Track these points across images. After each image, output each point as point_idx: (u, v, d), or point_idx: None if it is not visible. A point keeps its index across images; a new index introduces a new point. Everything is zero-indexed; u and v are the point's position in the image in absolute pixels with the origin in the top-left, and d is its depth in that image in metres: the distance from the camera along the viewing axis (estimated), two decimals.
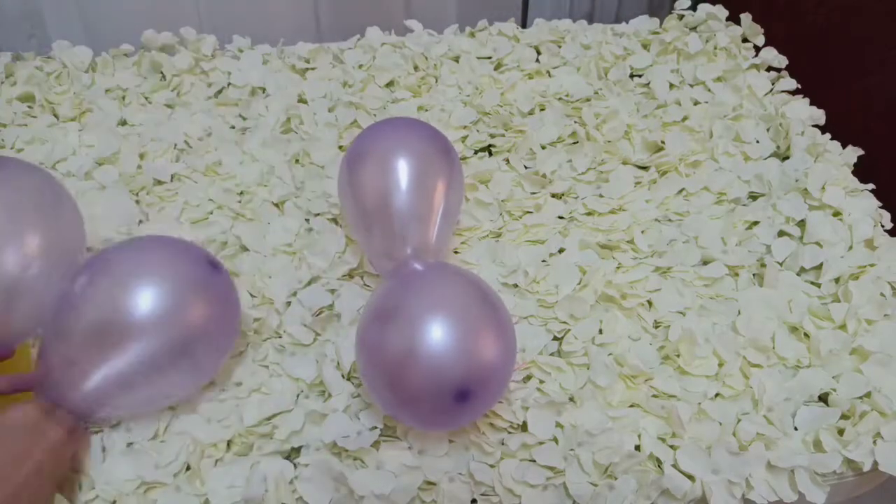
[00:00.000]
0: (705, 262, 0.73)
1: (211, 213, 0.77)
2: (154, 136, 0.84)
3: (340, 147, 0.84)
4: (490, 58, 0.96)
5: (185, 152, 0.84)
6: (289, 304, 0.68)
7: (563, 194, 0.80)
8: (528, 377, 0.64)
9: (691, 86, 0.92)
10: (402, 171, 0.63)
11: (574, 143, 0.85)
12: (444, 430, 0.59)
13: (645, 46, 0.97)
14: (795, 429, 0.62)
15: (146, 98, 0.91)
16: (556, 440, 0.60)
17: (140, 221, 0.76)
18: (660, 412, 0.62)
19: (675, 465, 0.59)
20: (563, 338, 0.67)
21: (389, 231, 0.62)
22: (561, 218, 0.77)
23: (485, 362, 0.54)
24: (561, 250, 0.74)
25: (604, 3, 1.36)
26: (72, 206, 0.61)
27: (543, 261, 0.73)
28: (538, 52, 0.97)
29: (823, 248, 0.73)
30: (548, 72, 0.94)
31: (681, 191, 0.80)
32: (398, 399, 0.55)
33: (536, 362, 0.64)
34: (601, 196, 0.79)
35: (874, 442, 0.60)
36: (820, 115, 0.87)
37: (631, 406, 0.63)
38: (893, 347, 0.65)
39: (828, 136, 0.85)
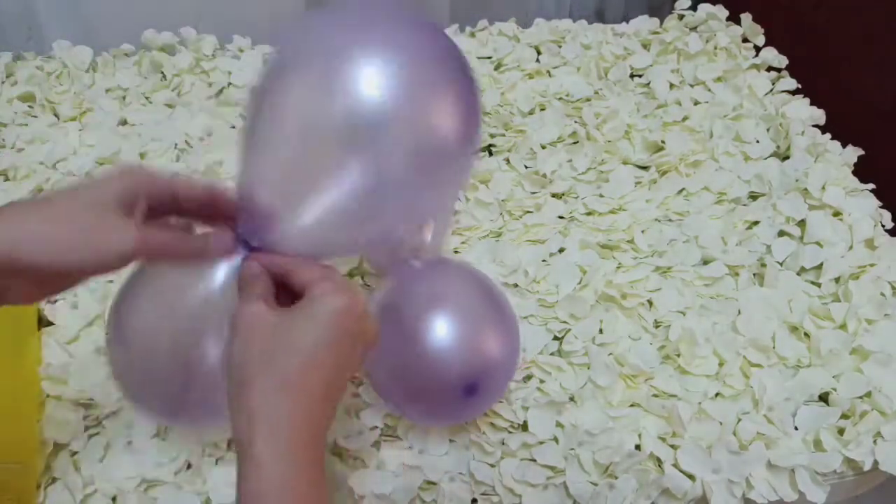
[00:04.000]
0: (705, 262, 0.73)
1: None
2: (154, 135, 0.84)
3: None
4: (490, 58, 0.96)
5: (186, 152, 0.84)
6: None
7: (563, 194, 0.80)
8: (529, 377, 0.64)
9: (691, 86, 0.92)
10: None
11: (574, 142, 0.85)
12: (450, 424, 0.60)
13: (645, 46, 0.97)
14: (796, 428, 0.62)
15: (147, 98, 0.91)
16: (556, 440, 0.60)
17: None
18: (660, 412, 0.62)
19: (675, 465, 0.59)
20: (563, 337, 0.67)
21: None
22: (561, 218, 0.77)
23: (492, 355, 0.55)
24: (561, 250, 0.74)
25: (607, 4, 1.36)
26: None
27: (543, 260, 0.73)
28: (538, 52, 0.97)
29: (823, 247, 0.73)
30: (548, 72, 0.94)
31: (681, 191, 0.80)
32: (406, 395, 0.55)
33: (536, 362, 0.64)
34: (601, 196, 0.79)
35: (874, 441, 0.60)
36: (820, 115, 0.87)
37: (631, 406, 0.63)
38: (893, 347, 0.65)
39: (828, 136, 0.85)
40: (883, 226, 0.76)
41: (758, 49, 0.96)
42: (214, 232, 0.44)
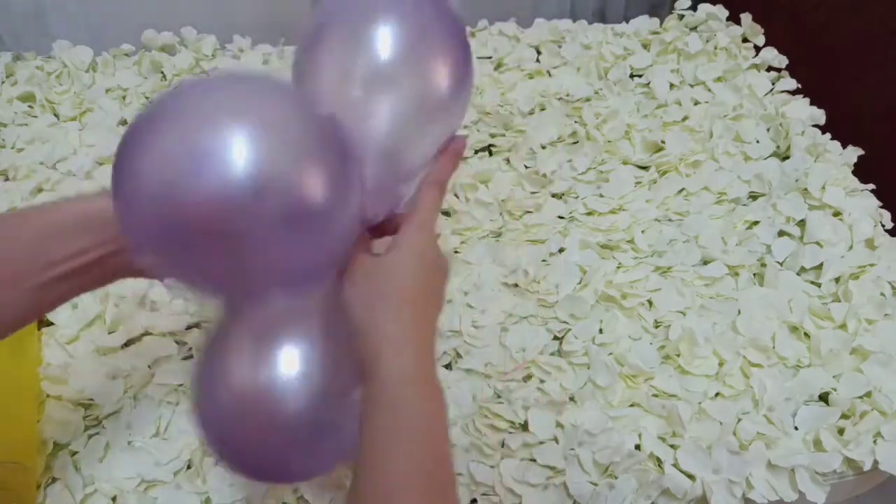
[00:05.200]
0: (705, 262, 0.73)
1: None
2: None
3: None
4: (490, 58, 0.96)
5: None
6: None
7: (563, 194, 0.80)
8: (529, 377, 0.64)
9: (691, 86, 0.92)
10: None
11: (574, 142, 0.85)
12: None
13: (645, 46, 0.97)
14: (796, 428, 0.62)
15: (147, 98, 0.91)
16: (556, 440, 0.60)
17: None
18: (660, 412, 0.62)
19: (675, 465, 0.59)
20: (563, 337, 0.67)
21: None
22: (561, 218, 0.77)
23: None
24: (561, 250, 0.74)
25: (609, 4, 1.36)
26: None
27: (543, 260, 0.73)
28: (538, 52, 0.97)
29: (823, 247, 0.73)
30: (548, 72, 0.94)
31: (681, 191, 0.80)
32: None
33: (537, 362, 0.64)
34: (601, 196, 0.79)
35: (874, 441, 0.60)
36: (820, 115, 0.87)
37: (631, 405, 0.63)
38: (893, 347, 0.65)
39: (828, 136, 0.85)
40: (883, 226, 0.76)
41: (758, 49, 0.96)
42: None
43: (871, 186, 0.79)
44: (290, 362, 0.43)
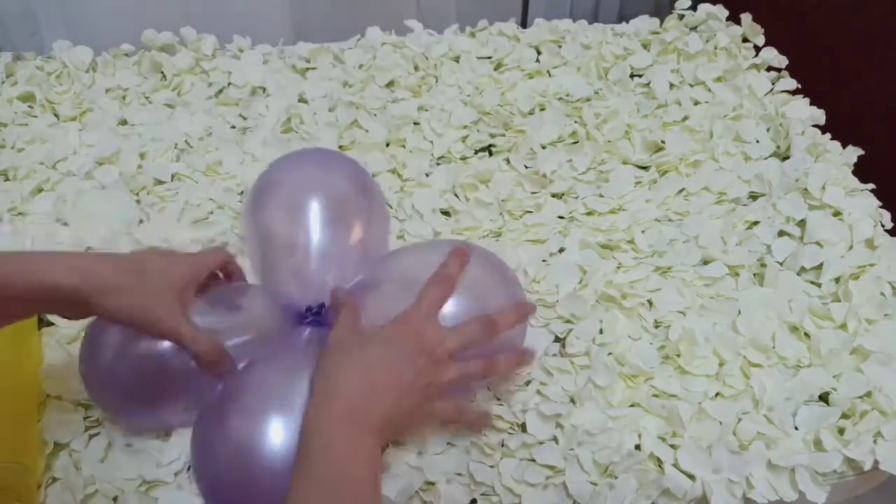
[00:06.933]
0: (705, 262, 0.73)
1: (211, 212, 0.77)
2: (154, 135, 0.85)
3: (341, 147, 0.84)
4: (490, 58, 0.96)
5: (186, 152, 0.84)
6: None
7: (563, 194, 0.80)
8: (528, 382, 0.64)
9: (691, 86, 0.92)
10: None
11: (574, 142, 0.85)
12: None
13: (645, 46, 0.97)
14: (796, 428, 0.62)
15: (146, 98, 0.91)
16: (556, 440, 0.60)
17: (140, 221, 0.76)
18: (660, 411, 0.62)
19: (675, 465, 0.59)
20: (565, 338, 0.67)
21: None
22: (561, 218, 0.77)
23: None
24: (561, 250, 0.74)
25: (607, 3, 1.36)
26: None
27: (544, 260, 0.73)
28: (538, 52, 0.97)
29: (823, 247, 0.73)
30: (548, 72, 0.94)
31: (681, 191, 0.80)
32: None
33: (545, 365, 0.64)
34: (601, 196, 0.79)
35: (875, 441, 0.60)
36: (820, 115, 0.87)
37: (631, 406, 0.63)
38: (893, 347, 0.65)
39: (828, 136, 0.85)
40: (883, 226, 0.76)
41: (758, 49, 0.96)
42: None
43: (871, 186, 0.79)
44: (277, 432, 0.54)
